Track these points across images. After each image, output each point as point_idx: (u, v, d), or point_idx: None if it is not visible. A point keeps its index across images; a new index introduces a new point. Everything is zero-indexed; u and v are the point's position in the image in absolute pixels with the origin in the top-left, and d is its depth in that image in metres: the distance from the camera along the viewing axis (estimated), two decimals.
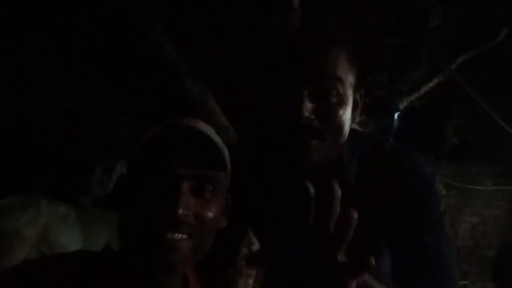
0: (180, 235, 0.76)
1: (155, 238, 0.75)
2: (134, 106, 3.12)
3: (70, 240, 2.88)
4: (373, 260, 0.67)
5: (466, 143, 4.60)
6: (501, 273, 1.86)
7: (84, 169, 3.32)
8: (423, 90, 3.77)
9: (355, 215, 0.60)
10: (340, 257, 0.62)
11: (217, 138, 0.81)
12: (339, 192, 0.61)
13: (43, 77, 3.14)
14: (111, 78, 3.25)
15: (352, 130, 1.00)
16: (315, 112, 0.91)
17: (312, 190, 0.62)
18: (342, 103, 0.93)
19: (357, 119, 1.01)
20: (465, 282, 4.95)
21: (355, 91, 0.98)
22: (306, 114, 0.90)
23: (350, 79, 0.95)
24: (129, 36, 2.93)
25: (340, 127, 0.95)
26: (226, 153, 0.82)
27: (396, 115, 3.44)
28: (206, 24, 2.93)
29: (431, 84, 3.77)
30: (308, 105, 0.90)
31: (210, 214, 0.80)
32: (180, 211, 0.74)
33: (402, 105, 3.65)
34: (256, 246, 2.68)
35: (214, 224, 0.82)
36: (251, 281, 2.89)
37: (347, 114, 0.95)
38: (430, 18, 3.51)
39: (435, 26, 3.59)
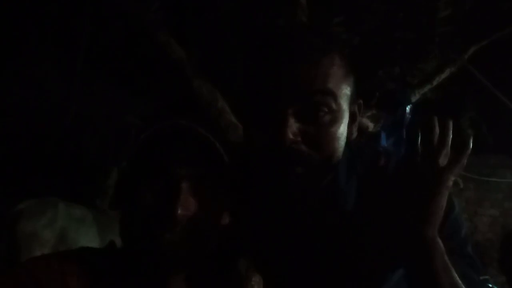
0: (179, 235, 0.75)
1: (154, 239, 0.74)
2: (144, 108, 3.16)
3: (87, 241, 2.91)
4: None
5: (482, 134, 4.51)
6: (506, 262, 1.81)
7: (100, 172, 3.37)
8: (436, 82, 3.72)
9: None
10: None
11: (213, 137, 0.79)
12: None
13: (55, 83, 3.20)
14: (121, 80, 3.30)
15: (347, 145, 0.86)
16: (301, 134, 0.78)
17: None
18: (335, 120, 0.80)
19: (355, 134, 0.88)
20: (486, 276, 4.86)
21: (352, 102, 0.85)
22: (291, 136, 0.76)
23: (345, 90, 0.82)
24: (137, 38, 2.96)
25: (333, 149, 0.81)
26: (222, 151, 0.80)
27: (408, 108, 3.39)
28: (212, 23, 2.95)
29: (443, 76, 3.72)
30: (293, 126, 0.77)
31: (210, 214, 0.79)
32: (179, 211, 0.73)
33: (414, 98, 3.60)
34: None
35: (215, 223, 0.81)
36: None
37: (341, 132, 0.81)
38: (439, 8, 3.45)
39: (445, 17, 3.53)
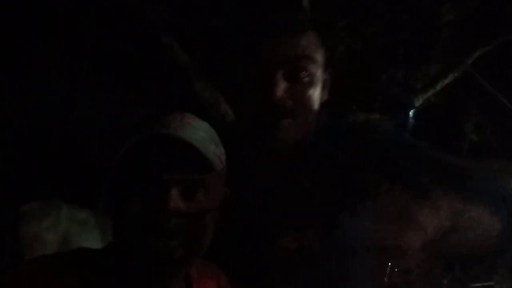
0: (173, 242, 0.74)
1: (147, 248, 0.73)
2: (146, 111, 3.16)
3: (90, 245, 2.90)
4: None
5: (486, 139, 4.49)
6: None
7: (103, 174, 3.36)
8: (439, 86, 3.72)
9: None
10: None
11: (201, 141, 0.76)
12: None
13: (59, 85, 3.22)
14: (124, 83, 3.31)
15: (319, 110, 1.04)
16: (288, 92, 0.95)
17: None
18: (313, 82, 0.98)
19: (326, 98, 1.06)
20: (491, 282, 4.82)
21: (324, 70, 1.03)
22: (280, 93, 0.93)
23: (319, 58, 1.00)
24: (141, 42, 2.97)
25: (311, 105, 0.99)
26: (212, 154, 0.78)
27: (411, 113, 3.40)
28: (215, 27, 2.95)
29: (447, 80, 3.72)
30: (281, 85, 0.94)
31: (203, 217, 0.78)
32: (170, 219, 0.72)
33: (417, 103, 3.61)
34: None
35: (209, 225, 0.80)
36: None
37: (317, 93, 1.00)
38: (444, 13, 3.46)
39: (449, 21, 3.53)
